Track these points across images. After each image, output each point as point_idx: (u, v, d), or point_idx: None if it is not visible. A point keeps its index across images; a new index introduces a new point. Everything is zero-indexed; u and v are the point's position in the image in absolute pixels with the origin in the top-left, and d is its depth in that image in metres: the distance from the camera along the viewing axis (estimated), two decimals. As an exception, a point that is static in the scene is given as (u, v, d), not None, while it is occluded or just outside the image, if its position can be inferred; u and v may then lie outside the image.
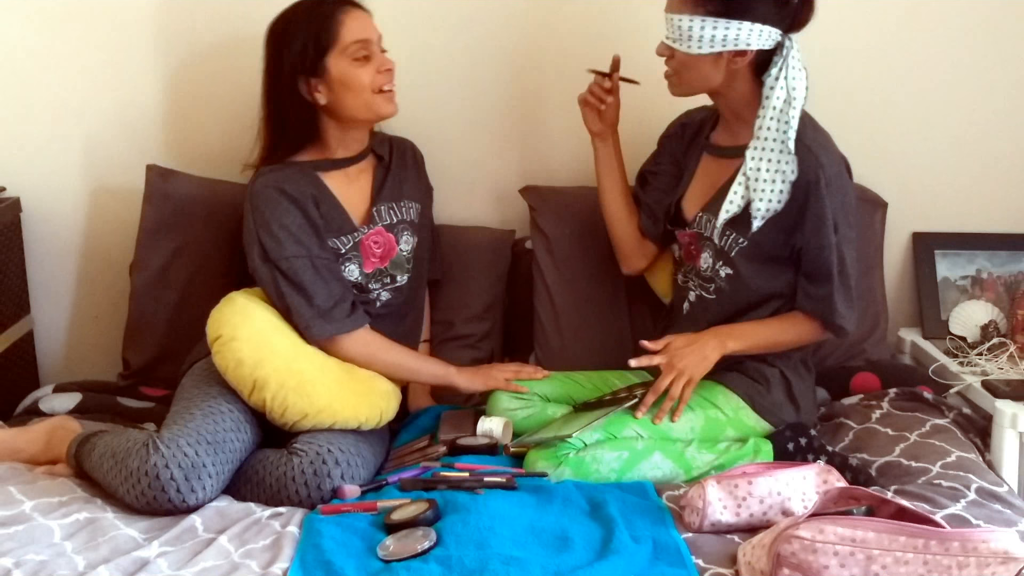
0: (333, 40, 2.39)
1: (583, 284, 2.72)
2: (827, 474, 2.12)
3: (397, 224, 2.56)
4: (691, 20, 2.27)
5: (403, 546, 1.94)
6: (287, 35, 2.41)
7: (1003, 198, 2.90)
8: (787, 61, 2.29)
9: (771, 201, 2.31)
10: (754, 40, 2.27)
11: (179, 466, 2.10)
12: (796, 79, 2.29)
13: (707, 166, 2.50)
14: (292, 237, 2.39)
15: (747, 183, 2.32)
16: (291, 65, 2.40)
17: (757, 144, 2.31)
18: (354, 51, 2.40)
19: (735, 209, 2.34)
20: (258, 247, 2.39)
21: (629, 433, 2.30)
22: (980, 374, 2.55)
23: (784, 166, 2.29)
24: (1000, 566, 1.77)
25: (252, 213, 2.42)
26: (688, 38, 2.29)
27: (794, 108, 2.28)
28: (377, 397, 2.39)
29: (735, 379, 2.41)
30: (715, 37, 2.27)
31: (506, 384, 2.50)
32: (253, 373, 2.25)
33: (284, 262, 2.37)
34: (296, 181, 2.44)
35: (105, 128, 2.85)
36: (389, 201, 2.55)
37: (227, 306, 2.34)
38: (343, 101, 2.42)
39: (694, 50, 2.29)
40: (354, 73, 2.40)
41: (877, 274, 2.80)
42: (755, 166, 2.31)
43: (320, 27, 2.39)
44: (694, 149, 2.55)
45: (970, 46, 2.83)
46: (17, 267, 2.85)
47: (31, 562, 1.91)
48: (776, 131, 2.29)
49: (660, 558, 1.95)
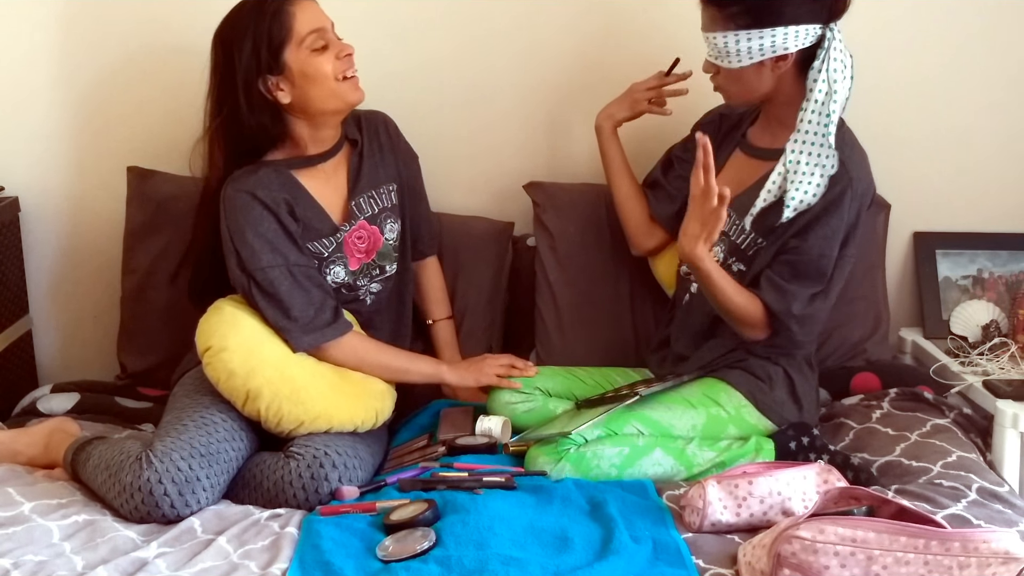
0: (287, 34, 2.31)
1: (586, 281, 2.72)
2: (828, 474, 2.11)
3: (379, 213, 2.51)
4: (725, 36, 2.27)
5: (402, 546, 1.94)
6: (236, 38, 2.31)
7: (1004, 198, 2.90)
8: (828, 53, 2.28)
9: (807, 193, 2.29)
10: (791, 42, 2.27)
11: (172, 481, 2.09)
12: (836, 70, 2.28)
13: (738, 162, 2.49)
14: (268, 245, 2.33)
15: (785, 174, 2.31)
16: (246, 67, 2.31)
17: (798, 137, 2.30)
18: (311, 41, 2.32)
19: (771, 198, 2.33)
20: (235, 256, 2.34)
21: (630, 430, 2.29)
22: (981, 374, 2.55)
23: (824, 160, 2.29)
24: (1001, 566, 1.76)
25: (226, 220, 2.35)
26: (727, 53, 2.29)
27: (835, 101, 2.27)
28: (371, 398, 2.38)
29: (738, 377, 2.40)
30: (752, 48, 2.27)
31: (498, 381, 2.48)
32: (246, 384, 2.23)
33: (260, 273, 2.31)
34: (269, 185, 2.36)
35: (104, 128, 2.85)
36: (368, 190, 2.49)
37: (215, 315, 2.31)
38: (308, 94, 2.35)
39: (735, 64, 2.29)
40: (315, 63, 2.33)
41: (878, 274, 2.80)
42: (795, 159, 2.30)
43: (271, 23, 2.31)
44: (728, 142, 2.53)
45: (972, 45, 2.82)
46: (16, 267, 2.85)
47: (30, 562, 1.91)
48: (817, 124, 2.29)
49: (660, 558, 1.94)
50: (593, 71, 2.78)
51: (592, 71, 2.78)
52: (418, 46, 2.75)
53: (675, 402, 2.35)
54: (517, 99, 2.84)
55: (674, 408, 2.34)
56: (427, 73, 2.80)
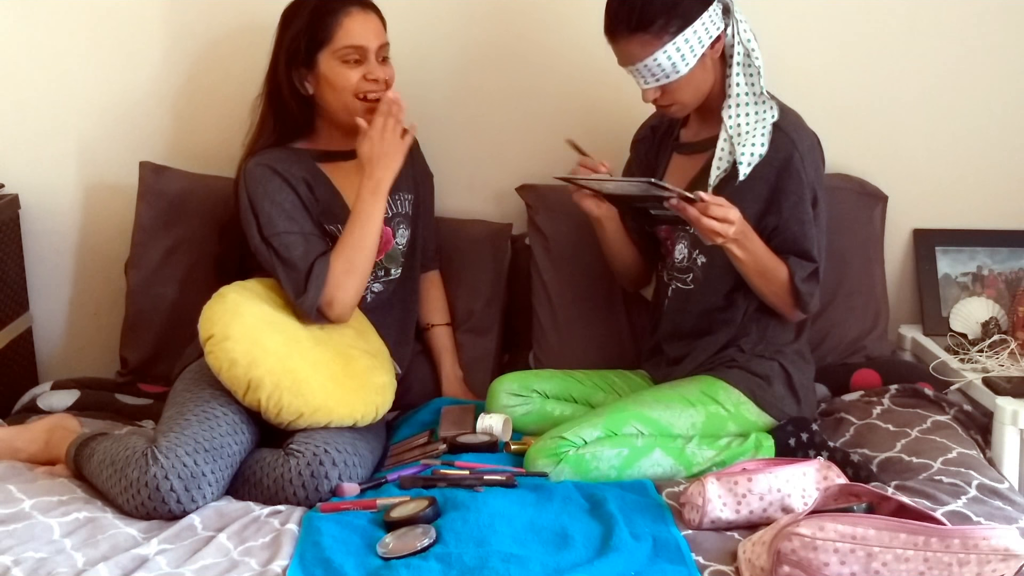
0: (327, 39, 2.40)
1: (581, 282, 2.72)
2: (827, 470, 2.11)
3: (394, 217, 2.56)
4: (665, 52, 2.28)
5: (403, 543, 1.94)
6: (292, 22, 2.43)
7: (1004, 195, 2.89)
8: (733, 17, 2.33)
9: (755, 146, 2.33)
10: (713, 24, 2.31)
11: (179, 476, 2.09)
12: (746, 30, 2.34)
13: (678, 163, 2.52)
14: (284, 213, 2.40)
15: (730, 139, 2.35)
16: (288, 52, 2.43)
17: (730, 102, 2.35)
18: (345, 54, 2.40)
19: (724, 166, 2.36)
20: (255, 224, 2.40)
21: (629, 430, 2.29)
22: (981, 371, 2.55)
23: (763, 113, 2.34)
24: (1000, 563, 1.76)
25: (245, 191, 2.42)
26: (673, 67, 2.30)
27: (757, 58, 2.34)
28: (372, 392, 2.38)
29: (735, 375, 2.40)
30: (692, 47, 2.29)
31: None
32: (247, 373, 2.23)
33: (276, 238, 2.38)
34: (289, 163, 2.45)
35: (103, 125, 2.85)
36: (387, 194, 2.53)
37: (218, 303, 2.32)
38: (325, 97, 2.44)
39: (684, 71, 2.31)
40: (342, 74, 2.41)
41: (878, 271, 2.80)
42: (734, 122, 2.34)
43: (320, 22, 2.39)
44: (664, 150, 2.57)
45: (973, 41, 2.82)
46: (16, 264, 2.85)
47: (30, 559, 1.90)
48: (746, 83, 2.35)
49: (660, 555, 1.94)
50: (589, 74, 2.78)
51: (588, 74, 2.79)
52: (413, 51, 2.74)
53: (674, 401, 2.35)
54: (515, 100, 2.84)
55: (673, 407, 2.34)
56: (424, 77, 2.80)
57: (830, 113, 2.55)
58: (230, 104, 2.75)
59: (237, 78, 2.74)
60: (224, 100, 2.80)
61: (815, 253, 2.36)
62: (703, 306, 2.46)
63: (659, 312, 2.57)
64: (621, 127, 2.64)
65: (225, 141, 2.74)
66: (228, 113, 2.75)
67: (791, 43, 2.75)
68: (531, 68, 2.82)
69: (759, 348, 2.43)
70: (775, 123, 2.34)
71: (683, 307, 2.48)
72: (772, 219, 2.35)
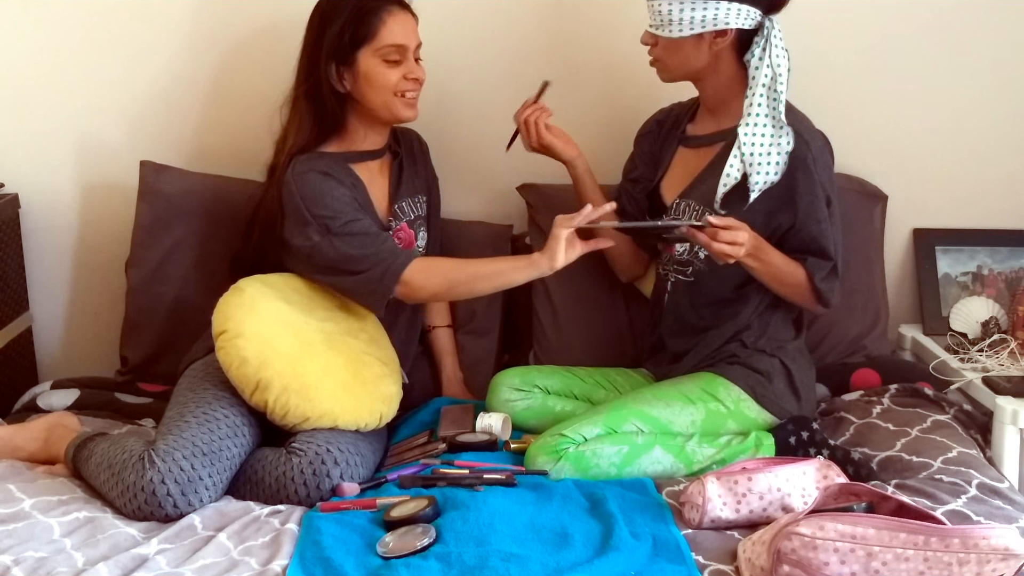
0: (370, 36, 2.40)
1: (581, 281, 2.72)
2: (827, 470, 2.11)
3: (415, 220, 2.58)
4: (670, 4, 2.31)
5: (403, 543, 1.94)
6: (332, 19, 2.41)
7: (1004, 194, 2.90)
8: (769, 41, 2.33)
9: (768, 174, 2.34)
10: (732, 19, 2.31)
11: (175, 480, 2.09)
12: (780, 58, 2.34)
13: (683, 157, 2.53)
14: (348, 206, 2.39)
15: (742, 157, 2.35)
16: (328, 48, 2.40)
17: (748, 121, 2.34)
18: (387, 53, 2.41)
19: (734, 177, 2.35)
20: (314, 225, 2.37)
21: (629, 428, 2.29)
22: (981, 370, 2.55)
23: (779, 139, 2.34)
24: (1000, 562, 1.77)
25: (299, 196, 2.39)
26: (669, 22, 2.33)
27: (781, 84, 2.34)
28: (379, 401, 2.38)
29: (736, 372, 2.40)
30: (694, 18, 2.31)
31: (571, 237, 2.35)
32: (257, 374, 2.23)
33: (350, 225, 2.37)
34: (334, 168, 2.44)
35: (103, 125, 2.85)
36: (407, 196, 2.57)
37: (235, 297, 2.31)
38: (364, 94, 2.44)
39: (675, 34, 2.33)
40: (381, 72, 2.41)
41: (878, 270, 2.80)
42: (749, 141, 2.34)
43: (362, 20, 2.39)
44: (670, 143, 2.57)
45: (972, 40, 2.82)
46: (16, 263, 2.84)
47: (30, 559, 1.90)
48: (767, 107, 2.34)
49: (660, 554, 1.94)
50: (586, 72, 2.79)
51: (585, 72, 2.79)
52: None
53: (674, 398, 2.35)
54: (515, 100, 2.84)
55: (673, 404, 2.34)
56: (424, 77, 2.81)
57: (830, 113, 2.55)
58: (231, 104, 2.75)
59: (237, 78, 2.74)
60: (225, 100, 2.80)
61: (832, 251, 2.37)
62: (707, 298, 2.46)
63: (659, 308, 2.57)
64: (621, 127, 2.64)
65: (226, 141, 2.74)
66: (228, 113, 2.75)
67: (791, 43, 2.73)
68: (531, 68, 2.82)
69: (760, 343, 2.43)
70: (788, 124, 2.34)
71: (685, 299, 2.49)
72: (786, 218, 2.37)
